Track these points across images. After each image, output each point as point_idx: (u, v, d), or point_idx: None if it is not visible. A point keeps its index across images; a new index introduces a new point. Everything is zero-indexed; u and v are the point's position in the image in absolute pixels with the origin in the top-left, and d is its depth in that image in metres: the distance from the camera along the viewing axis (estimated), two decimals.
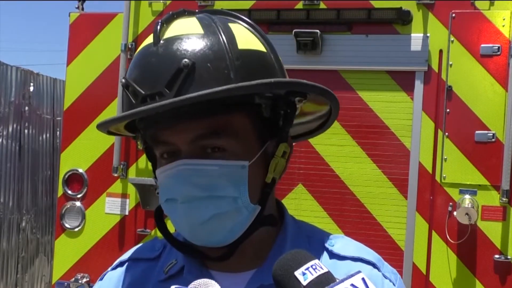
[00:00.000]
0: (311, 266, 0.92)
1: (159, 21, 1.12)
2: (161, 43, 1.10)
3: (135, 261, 1.26)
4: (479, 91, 3.66)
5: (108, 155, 4.23)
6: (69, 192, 4.34)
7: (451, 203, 3.66)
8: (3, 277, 7.49)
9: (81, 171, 4.33)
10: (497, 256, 3.57)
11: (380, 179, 3.78)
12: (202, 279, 0.98)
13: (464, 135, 3.67)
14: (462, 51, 3.68)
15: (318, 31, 3.82)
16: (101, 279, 1.29)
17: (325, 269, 0.92)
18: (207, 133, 1.08)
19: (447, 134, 3.69)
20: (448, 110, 3.69)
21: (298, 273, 0.91)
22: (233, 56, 1.09)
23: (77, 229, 4.31)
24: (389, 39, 3.80)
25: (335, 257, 1.19)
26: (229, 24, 1.14)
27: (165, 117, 1.08)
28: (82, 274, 4.23)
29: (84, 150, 4.32)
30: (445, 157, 3.69)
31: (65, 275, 4.28)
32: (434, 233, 3.70)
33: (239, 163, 1.10)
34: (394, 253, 3.71)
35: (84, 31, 4.38)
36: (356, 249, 1.21)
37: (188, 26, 1.12)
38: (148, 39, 1.14)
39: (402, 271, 3.70)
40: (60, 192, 4.39)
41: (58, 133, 8.36)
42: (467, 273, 3.63)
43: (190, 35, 1.10)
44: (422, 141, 3.73)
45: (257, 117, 1.13)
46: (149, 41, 1.13)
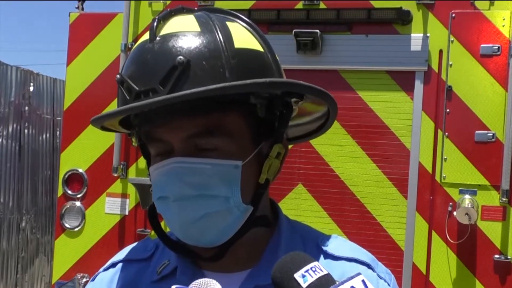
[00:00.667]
0: (311, 268, 0.91)
1: (156, 17, 1.11)
2: (157, 39, 1.09)
3: (127, 262, 1.26)
4: (479, 91, 3.66)
5: (108, 155, 4.23)
6: (69, 192, 4.34)
7: (451, 203, 3.66)
8: (3, 277, 7.49)
9: (81, 171, 4.33)
10: (497, 256, 3.57)
11: (380, 179, 3.78)
12: (203, 279, 0.97)
13: (464, 135, 3.67)
14: (462, 51, 3.68)
15: (318, 31, 3.82)
16: (92, 280, 1.29)
17: (325, 271, 0.92)
18: (201, 132, 1.08)
19: (447, 134, 3.69)
20: (448, 110, 3.69)
21: (297, 276, 0.91)
22: (229, 54, 1.08)
23: (77, 229, 4.31)
24: (389, 39, 3.80)
25: (329, 257, 1.18)
26: (227, 22, 1.14)
27: (159, 114, 1.07)
28: (82, 274, 4.23)
29: (84, 150, 4.32)
30: (445, 157, 3.68)
31: (65, 275, 4.28)
32: (434, 233, 3.70)
33: (233, 163, 1.09)
34: (394, 253, 3.71)
35: (84, 31, 4.38)
36: (350, 249, 1.21)
37: (185, 23, 1.11)
38: (144, 36, 1.13)
39: (402, 271, 3.70)
40: (60, 192, 4.39)
41: (58, 133, 8.36)
42: (467, 273, 3.63)
43: (186, 33, 1.09)
44: (422, 141, 3.73)
45: (252, 117, 1.12)
46: (145, 38, 1.12)
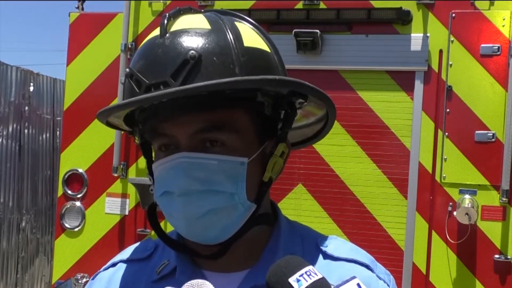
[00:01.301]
0: (305, 272, 0.91)
1: (166, 14, 1.13)
2: (167, 35, 1.10)
3: (126, 262, 1.26)
4: (479, 91, 3.66)
5: (108, 155, 4.23)
6: (69, 192, 4.34)
7: (451, 203, 3.66)
8: (3, 277, 7.49)
9: (81, 171, 4.33)
10: (497, 256, 3.57)
11: (380, 179, 3.78)
12: (195, 280, 0.97)
13: (464, 135, 3.67)
14: (462, 51, 3.68)
15: (318, 31, 3.82)
16: (92, 279, 1.29)
17: (320, 275, 0.92)
18: (208, 127, 1.09)
19: (447, 134, 3.69)
20: (448, 110, 3.69)
21: (292, 280, 0.91)
22: (239, 52, 1.10)
23: (77, 229, 4.31)
24: (389, 39, 3.80)
25: (329, 258, 1.19)
26: (235, 22, 1.16)
27: (166, 109, 1.08)
28: (82, 274, 4.23)
29: (84, 150, 4.32)
30: (445, 157, 3.68)
31: (65, 275, 4.28)
32: (434, 233, 3.70)
33: (239, 159, 1.10)
34: (394, 253, 3.71)
35: (84, 31, 4.38)
36: (349, 250, 1.22)
37: (195, 21, 1.13)
38: (154, 32, 1.15)
39: (402, 271, 3.70)
40: (60, 192, 4.38)
41: (58, 133, 8.36)
42: (467, 273, 3.63)
43: (197, 29, 1.11)
44: (422, 141, 3.73)
45: (258, 115, 1.13)
46: (155, 34, 1.13)
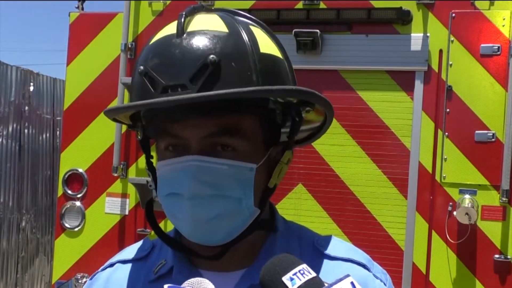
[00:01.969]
0: (299, 271, 0.91)
1: (182, 13, 1.10)
2: (184, 35, 1.08)
3: (124, 263, 1.26)
4: (479, 91, 3.66)
5: (108, 155, 4.23)
6: (69, 192, 4.34)
7: (451, 203, 3.66)
8: (3, 277, 7.49)
9: (81, 171, 4.33)
10: (497, 256, 3.58)
11: (380, 179, 3.78)
12: (195, 278, 0.97)
13: (464, 135, 3.67)
14: (462, 51, 3.68)
15: (318, 31, 3.82)
16: (90, 279, 1.29)
17: (313, 274, 0.92)
18: (220, 131, 1.08)
19: (447, 134, 3.69)
20: (448, 110, 3.69)
21: (285, 279, 0.90)
22: (256, 58, 1.09)
23: (77, 229, 4.31)
24: (389, 39, 3.80)
25: (325, 257, 1.19)
26: (250, 26, 1.15)
27: (179, 111, 1.07)
28: (82, 274, 4.23)
29: (84, 150, 4.32)
30: (445, 157, 3.68)
31: (65, 275, 4.28)
32: (434, 233, 3.70)
33: (248, 165, 1.10)
34: (394, 253, 3.71)
35: (84, 31, 4.38)
36: (346, 250, 1.22)
37: (211, 22, 1.12)
38: (167, 29, 1.13)
39: (402, 271, 3.70)
40: (60, 192, 4.39)
41: (58, 133, 8.36)
42: (467, 273, 3.63)
43: (215, 32, 1.09)
44: (422, 141, 3.73)
45: (266, 122, 1.14)
46: (170, 32, 1.11)
